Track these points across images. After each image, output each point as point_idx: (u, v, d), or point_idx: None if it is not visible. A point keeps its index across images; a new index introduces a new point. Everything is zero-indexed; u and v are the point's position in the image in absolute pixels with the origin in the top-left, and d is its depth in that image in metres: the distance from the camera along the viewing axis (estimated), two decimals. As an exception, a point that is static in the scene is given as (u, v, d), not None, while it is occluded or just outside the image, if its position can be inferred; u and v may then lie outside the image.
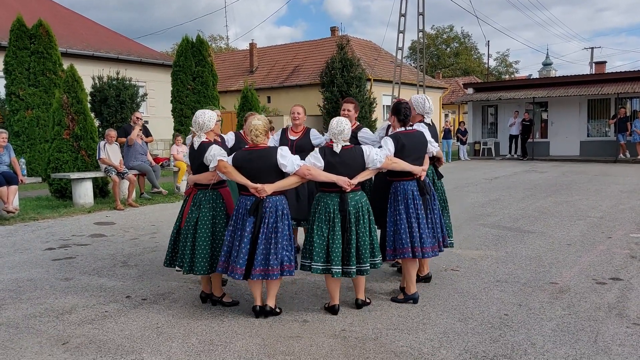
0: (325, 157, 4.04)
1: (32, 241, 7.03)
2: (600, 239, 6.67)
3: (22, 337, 3.82)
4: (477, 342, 3.61)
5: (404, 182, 4.38)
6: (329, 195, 4.08)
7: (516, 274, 5.18)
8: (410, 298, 4.42)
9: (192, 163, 4.35)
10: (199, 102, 14.52)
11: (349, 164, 4.06)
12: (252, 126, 4.02)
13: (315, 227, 4.04)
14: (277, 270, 3.93)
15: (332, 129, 4.07)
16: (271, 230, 3.94)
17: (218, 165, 4.02)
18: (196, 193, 4.30)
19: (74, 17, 21.40)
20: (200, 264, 4.14)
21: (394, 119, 4.51)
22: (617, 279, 5.00)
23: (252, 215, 3.94)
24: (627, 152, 19.02)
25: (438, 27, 62.39)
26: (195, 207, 4.24)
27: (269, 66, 30.27)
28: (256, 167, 3.97)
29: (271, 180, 3.98)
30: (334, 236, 3.99)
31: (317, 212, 4.08)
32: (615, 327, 3.83)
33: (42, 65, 13.83)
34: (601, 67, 36.31)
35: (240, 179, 3.97)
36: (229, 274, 3.99)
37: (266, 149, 4.04)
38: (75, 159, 9.98)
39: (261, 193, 3.94)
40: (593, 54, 46.56)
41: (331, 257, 3.97)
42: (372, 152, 4.15)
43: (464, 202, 9.79)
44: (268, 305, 4.07)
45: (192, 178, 4.32)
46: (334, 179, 4.00)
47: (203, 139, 4.24)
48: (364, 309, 4.26)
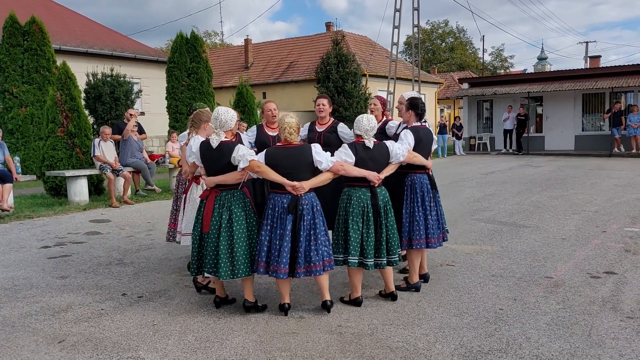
0: (357, 153, 4.12)
1: (28, 239, 7.01)
2: (595, 233, 6.70)
3: (18, 335, 3.82)
4: (472, 337, 3.63)
5: (418, 174, 4.58)
6: (360, 189, 4.16)
7: (511, 269, 5.21)
8: (413, 287, 4.56)
9: (210, 163, 4.07)
10: (194, 99, 14.44)
11: (377, 159, 4.20)
12: (286, 124, 4.00)
13: (351, 221, 4.10)
14: (320, 266, 3.96)
15: (364, 125, 4.16)
16: (310, 227, 3.96)
17: (250, 165, 3.90)
18: (218, 194, 4.06)
19: (68, 14, 21.27)
20: (242, 266, 3.96)
21: (410, 113, 4.65)
22: (611, 272, 5.03)
23: (291, 213, 3.91)
24: (622, 146, 19.10)
25: (433, 22, 62.48)
26: (223, 209, 4.01)
27: (264, 62, 30.18)
28: (292, 164, 3.95)
29: (306, 177, 3.97)
30: (368, 230, 4.11)
31: (351, 206, 4.13)
32: (609, 321, 3.86)
33: (35, 62, 13.76)
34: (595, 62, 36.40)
35: (276, 177, 3.92)
36: (272, 274, 3.93)
37: (301, 147, 4.05)
38: (70, 156, 9.95)
39: (299, 191, 3.92)
40: (588, 48, 46.71)
41: (365, 251, 4.10)
42: (395, 147, 4.29)
43: (460, 197, 9.82)
44: (328, 300, 4.08)
45: (215, 179, 4.03)
46: (365, 174, 4.11)
47: (222, 137, 4.03)
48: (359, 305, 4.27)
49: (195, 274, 4.19)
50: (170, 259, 5.85)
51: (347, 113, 22.01)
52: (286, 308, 4.08)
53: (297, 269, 3.90)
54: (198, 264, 4.15)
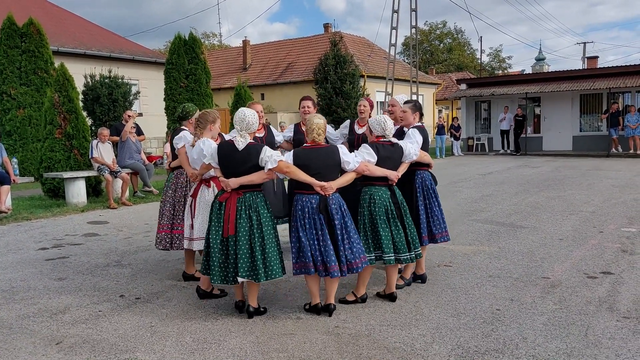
0: (378, 152, 4.21)
1: (25, 241, 7.01)
2: (592, 233, 6.72)
3: (15, 337, 3.82)
4: (469, 337, 3.64)
5: (425, 171, 4.76)
6: (380, 188, 4.25)
7: (508, 269, 5.22)
8: (419, 278, 4.81)
9: (232, 165, 3.97)
10: (192, 100, 14.44)
11: (394, 158, 4.32)
12: (315, 124, 4.02)
13: (379, 220, 4.18)
14: (359, 263, 4.01)
15: (389, 125, 4.30)
16: (342, 226, 4.00)
17: (279, 165, 3.88)
18: (241, 196, 3.96)
19: (66, 15, 21.27)
20: (275, 266, 3.92)
21: (415, 115, 4.82)
22: (608, 273, 5.04)
23: (322, 214, 3.94)
24: (620, 147, 19.14)
25: (431, 23, 62.43)
26: (251, 210, 3.94)
27: (262, 63, 30.21)
28: (320, 165, 3.97)
29: (333, 177, 4.03)
30: (397, 227, 4.24)
31: (375, 206, 4.19)
32: (605, 321, 3.87)
33: (33, 64, 13.76)
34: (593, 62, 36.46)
35: (305, 177, 3.93)
36: (323, 274, 3.92)
37: (329, 147, 4.10)
38: (68, 158, 9.95)
39: (328, 191, 3.95)
40: (585, 48, 46.76)
41: (398, 247, 4.23)
42: (407, 146, 4.41)
43: (458, 198, 9.83)
44: (332, 304, 4.08)
45: (240, 180, 3.93)
46: (387, 174, 4.21)
47: (249, 140, 4.00)
48: (357, 305, 4.28)
49: (220, 282, 3.97)
50: (168, 261, 5.86)
51: (345, 114, 22.03)
52: (319, 308, 4.10)
53: (341, 267, 3.95)
54: (222, 271, 3.95)
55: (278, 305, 4.34)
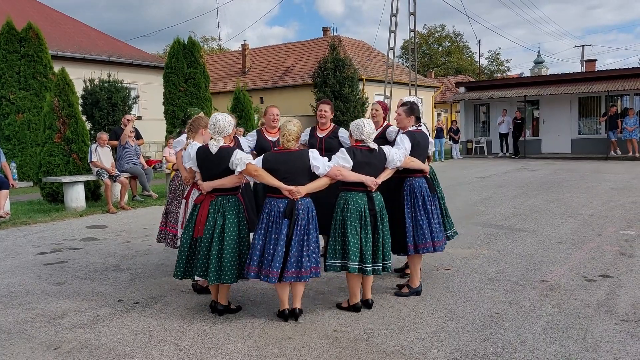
0: (355, 157, 4.12)
1: (24, 246, 7.00)
2: (591, 236, 6.72)
3: (13, 342, 3.81)
4: (467, 341, 3.63)
5: (417, 178, 4.59)
6: (356, 194, 4.15)
7: (507, 273, 5.22)
8: (415, 291, 4.58)
9: (208, 168, 4.11)
10: (191, 104, 14.48)
11: (375, 164, 4.20)
12: (287, 130, 4.03)
13: (349, 226, 4.07)
14: (308, 272, 3.96)
15: (367, 130, 4.18)
16: (304, 233, 3.96)
17: (247, 168, 3.93)
18: (214, 199, 4.09)
19: (65, 20, 21.30)
20: (229, 272, 3.99)
21: (410, 118, 4.68)
22: (606, 276, 5.04)
23: (287, 218, 3.92)
24: (618, 150, 19.16)
25: (430, 27, 62.59)
26: (218, 214, 4.04)
27: (261, 67, 30.24)
28: (289, 169, 3.96)
29: (303, 182, 3.99)
30: (366, 235, 4.10)
31: (348, 211, 4.11)
32: (604, 324, 3.87)
33: (32, 68, 13.77)
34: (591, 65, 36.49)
35: (273, 181, 3.94)
36: (263, 278, 3.92)
37: (298, 152, 4.07)
38: (67, 162, 9.94)
39: (295, 195, 3.93)
40: (584, 51, 46.87)
41: (364, 256, 4.07)
42: (392, 151, 4.31)
43: (456, 201, 9.83)
44: (298, 308, 4.06)
45: (212, 183, 4.08)
46: (363, 179, 4.10)
47: (221, 143, 4.07)
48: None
49: (181, 277, 4.21)
50: (167, 265, 5.85)
51: (344, 117, 22.05)
52: (286, 314, 4.07)
53: (285, 272, 3.89)
54: (185, 267, 4.19)
55: (276, 309, 4.33)
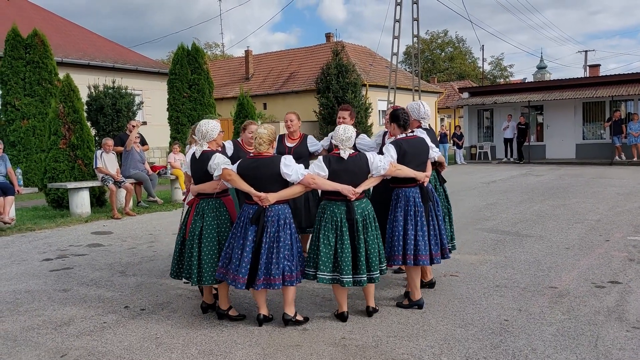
0: (330, 165, 4.00)
1: (29, 252, 7.00)
2: (598, 242, 6.68)
3: (20, 349, 3.80)
4: (477, 349, 3.60)
5: (405, 188, 4.37)
6: (334, 203, 4.03)
7: (515, 279, 5.18)
8: (415, 304, 4.42)
9: (194, 172, 4.26)
10: (195, 110, 14.53)
11: (354, 172, 4.03)
12: (258, 134, 4.02)
13: (322, 235, 3.98)
14: (279, 280, 3.89)
15: (340, 135, 4.05)
16: (273, 240, 3.91)
17: (222, 173, 4.00)
18: (198, 202, 4.23)
19: (70, 26, 21.41)
20: (208, 274, 4.08)
21: (393, 126, 4.49)
22: (615, 282, 5.00)
23: (254, 224, 3.90)
24: (623, 155, 19.10)
25: (432, 32, 62.69)
26: (198, 217, 4.17)
27: (264, 73, 30.32)
28: (260, 175, 3.94)
29: (275, 189, 3.94)
30: (342, 245, 3.95)
31: (323, 220, 4.02)
32: (615, 331, 3.83)
33: (37, 74, 13.82)
34: (595, 70, 36.49)
35: (245, 186, 3.95)
36: (230, 282, 3.95)
37: (270, 158, 4.02)
38: (72, 168, 9.95)
39: (264, 202, 3.90)
40: (587, 57, 46.86)
41: (341, 267, 3.93)
42: (375, 159, 4.14)
43: (462, 206, 9.79)
44: (287, 314, 4.02)
45: (195, 188, 4.24)
46: (338, 188, 3.96)
47: (205, 147, 4.18)
48: (363, 316, 4.24)
49: (173, 276, 4.43)
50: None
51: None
52: (261, 319, 4.08)
53: (256, 280, 3.86)
54: (177, 268, 4.40)
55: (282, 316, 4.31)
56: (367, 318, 4.21)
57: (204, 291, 4.44)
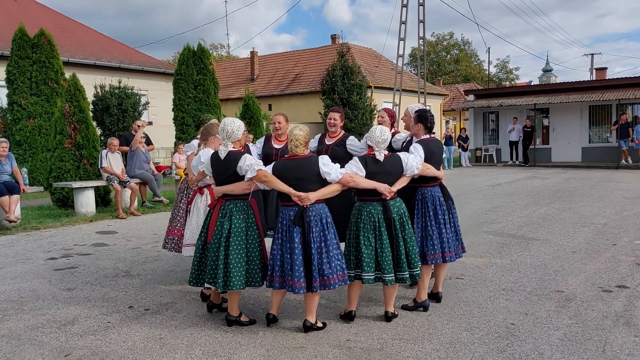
0: (367, 166, 4.06)
1: (34, 251, 7.00)
2: (605, 246, 6.62)
3: (24, 348, 3.79)
4: (484, 353, 3.56)
5: (430, 187, 4.52)
6: (370, 203, 4.09)
7: (522, 282, 5.14)
8: (420, 305, 4.42)
9: (218, 173, 4.11)
10: (200, 111, 14.51)
11: (389, 172, 4.12)
12: (294, 136, 4.01)
13: (362, 236, 4.02)
14: (335, 280, 3.88)
15: (376, 137, 4.12)
16: (320, 240, 3.90)
17: (257, 175, 3.90)
18: (223, 204, 4.07)
19: (76, 26, 21.48)
20: (236, 278, 3.91)
21: (420, 126, 4.62)
22: (623, 286, 4.95)
23: (298, 225, 3.87)
24: (629, 158, 18.99)
25: (438, 34, 62.56)
26: (225, 219, 4.02)
27: (270, 74, 30.34)
28: (298, 176, 3.93)
29: (313, 189, 3.93)
30: (382, 245, 4.02)
31: (361, 222, 4.06)
32: (623, 336, 3.79)
33: (44, 74, 13.86)
34: (602, 74, 36.29)
35: (283, 187, 3.91)
36: (289, 289, 3.88)
37: (307, 158, 4.03)
38: (77, 167, 9.97)
39: (305, 202, 3.88)
40: (593, 60, 46.64)
41: (382, 266, 3.99)
42: (409, 159, 4.23)
43: (467, 209, 9.75)
44: (308, 321, 3.97)
45: (222, 189, 4.07)
46: (376, 186, 4.03)
47: (230, 148, 4.06)
48: (368, 319, 4.22)
49: (193, 284, 4.20)
50: (177, 271, 5.82)
51: (352, 125, 22.04)
52: (270, 319, 4.09)
53: (313, 282, 3.81)
54: (197, 274, 4.19)
55: (288, 317, 4.29)
56: (372, 321, 4.18)
57: (212, 291, 4.36)
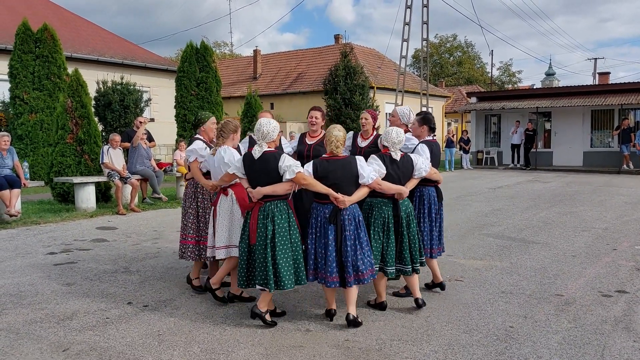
0: (385, 164, 4.22)
1: (34, 245, 7.00)
2: (605, 250, 6.61)
3: (22, 343, 3.79)
4: (482, 355, 3.56)
5: (428, 187, 4.74)
6: (382, 201, 4.29)
7: (521, 285, 5.13)
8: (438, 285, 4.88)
9: (253, 173, 4.04)
10: (202, 108, 14.51)
11: (403, 172, 4.31)
12: (334, 137, 4.05)
13: (372, 232, 4.26)
14: (368, 274, 4.05)
15: (393, 138, 4.26)
16: (354, 237, 4.02)
17: (296, 177, 3.91)
18: (263, 205, 4.02)
19: (80, 22, 21.49)
20: (286, 278, 3.92)
21: (424, 128, 4.78)
22: (623, 291, 4.95)
23: (332, 224, 3.98)
24: (631, 163, 18.97)
25: (441, 36, 62.57)
26: (267, 220, 3.98)
27: (272, 73, 30.33)
28: (339, 176, 4.00)
29: (351, 189, 4.03)
30: (388, 240, 4.27)
31: (373, 217, 4.28)
32: (622, 341, 3.78)
33: (46, 69, 13.88)
34: (605, 78, 36.29)
35: (322, 188, 3.96)
36: (320, 281, 4.05)
37: (346, 159, 4.10)
38: (79, 163, 9.98)
39: (341, 204, 3.97)
40: (596, 64, 46.63)
41: (386, 259, 4.27)
42: (419, 160, 4.40)
43: (468, 212, 9.74)
44: (351, 315, 4.04)
45: (264, 190, 3.97)
46: (400, 190, 4.23)
47: (265, 148, 4.02)
48: (367, 319, 4.22)
49: (244, 286, 4.14)
50: (176, 268, 5.82)
51: (354, 125, 22.02)
52: (332, 314, 4.19)
53: (347, 278, 3.97)
54: (247, 276, 4.12)
55: (287, 316, 4.29)
56: (370, 321, 4.18)
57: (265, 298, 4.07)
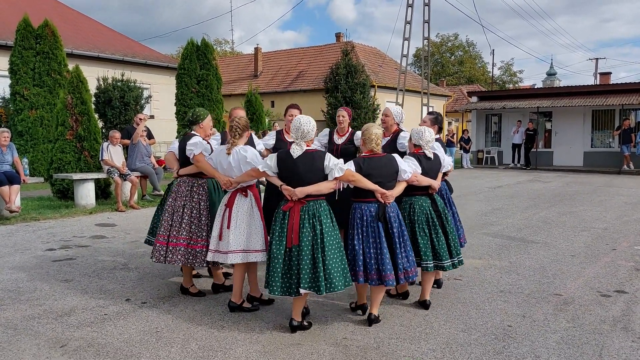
0: (420, 163, 4.33)
1: (33, 241, 7.00)
2: (605, 250, 6.61)
3: (20, 338, 3.79)
4: (480, 354, 3.55)
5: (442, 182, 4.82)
6: (420, 198, 4.40)
7: (520, 285, 5.13)
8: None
9: (291, 174, 3.89)
10: (202, 106, 14.49)
11: (432, 169, 4.44)
12: (374, 135, 4.08)
13: (418, 229, 4.33)
14: (413, 272, 4.10)
15: (426, 137, 4.39)
16: (400, 235, 4.06)
17: (345, 174, 3.88)
18: (304, 205, 3.86)
19: (81, 18, 21.47)
20: (337, 279, 3.78)
21: (436, 128, 4.95)
22: (621, 291, 4.94)
23: (380, 221, 4.00)
24: (631, 164, 18.95)
25: (443, 35, 62.40)
26: (314, 219, 3.85)
27: (273, 71, 30.30)
28: (383, 173, 4.04)
29: (391, 185, 4.08)
30: (437, 234, 4.36)
31: (415, 214, 4.35)
32: (620, 341, 3.78)
33: (47, 65, 13.85)
34: (606, 78, 36.20)
35: (370, 185, 3.98)
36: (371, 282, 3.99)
37: (387, 156, 4.14)
38: (78, 159, 9.97)
39: (389, 199, 4.02)
40: (598, 64, 46.55)
41: (439, 254, 4.36)
42: (446, 157, 4.60)
43: (468, 210, 9.74)
44: (372, 314, 4.07)
45: (307, 189, 3.83)
46: (433, 184, 4.36)
47: (304, 147, 3.91)
48: (365, 318, 4.21)
49: (279, 293, 3.85)
50: (175, 266, 5.80)
51: (354, 123, 22.01)
52: (366, 308, 4.27)
53: (399, 275, 3.99)
54: (282, 282, 3.85)
55: (285, 314, 4.28)
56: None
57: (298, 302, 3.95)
